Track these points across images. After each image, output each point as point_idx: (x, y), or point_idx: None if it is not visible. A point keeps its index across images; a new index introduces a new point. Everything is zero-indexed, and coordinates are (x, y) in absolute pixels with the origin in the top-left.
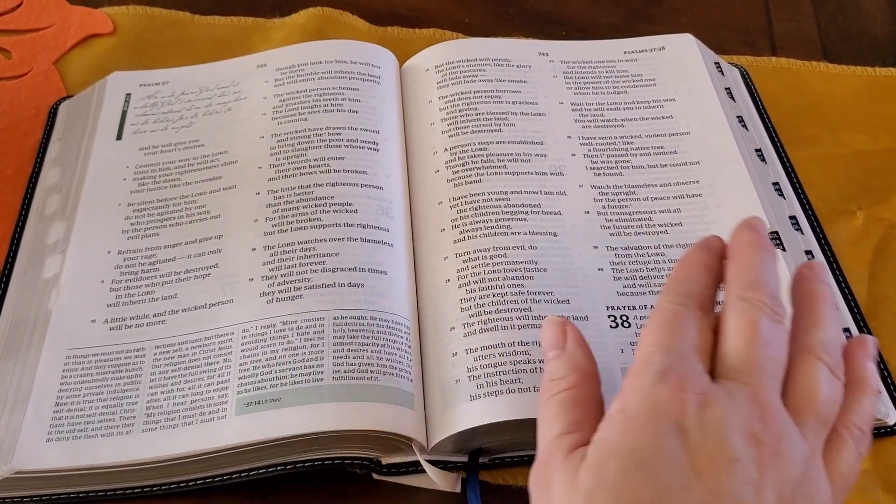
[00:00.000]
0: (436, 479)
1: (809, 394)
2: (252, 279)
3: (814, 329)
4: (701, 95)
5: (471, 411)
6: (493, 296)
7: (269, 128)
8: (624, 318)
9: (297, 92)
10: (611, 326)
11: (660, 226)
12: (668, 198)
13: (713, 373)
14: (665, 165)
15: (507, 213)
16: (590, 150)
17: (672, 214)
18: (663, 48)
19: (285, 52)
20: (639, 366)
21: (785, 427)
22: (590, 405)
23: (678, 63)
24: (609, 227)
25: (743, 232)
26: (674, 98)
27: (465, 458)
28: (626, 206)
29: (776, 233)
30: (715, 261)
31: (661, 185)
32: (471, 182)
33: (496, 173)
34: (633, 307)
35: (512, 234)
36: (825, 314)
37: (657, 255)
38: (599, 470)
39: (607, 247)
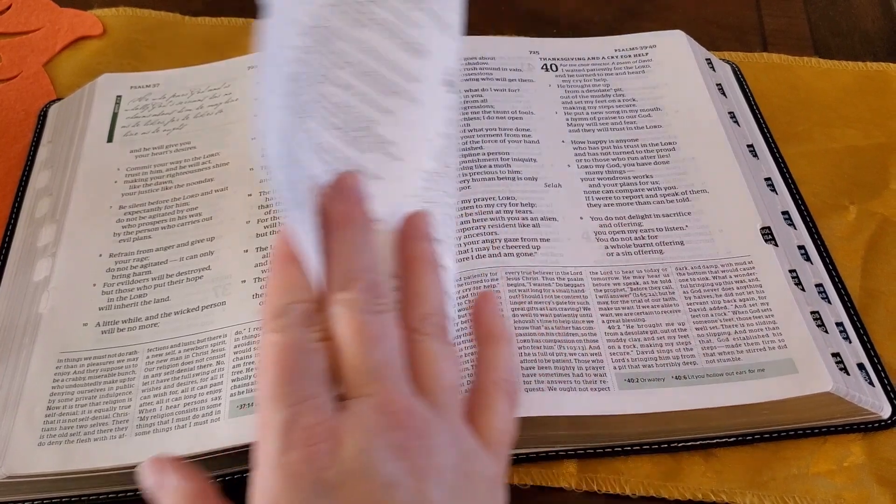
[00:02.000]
0: None
1: (431, 371)
2: (244, 281)
3: (415, 304)
4: (692, 92)
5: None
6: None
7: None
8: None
9: None
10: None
11: (652, 224)
12: (659, 194)
13: (342, 391)
14: (657, 163)
15: (497, 217)
16: (581, 149)
17: (665, 208)
18: (654, 46)
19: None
20: (261, 433)
21: (424, 420)
22: None
23: (669, 60)
24: (600, 219)
25: (333, 203)
26: (665, 95)
27: None
28: (618, 206)
29: (769, 228)
30: (298, 266)
31: (652, 182)
32: (461, 188)
33: (489, 176)
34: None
35: (504, 240)
36: (423, 282)
37: (649, 249)
38: None
39: (599, 243)
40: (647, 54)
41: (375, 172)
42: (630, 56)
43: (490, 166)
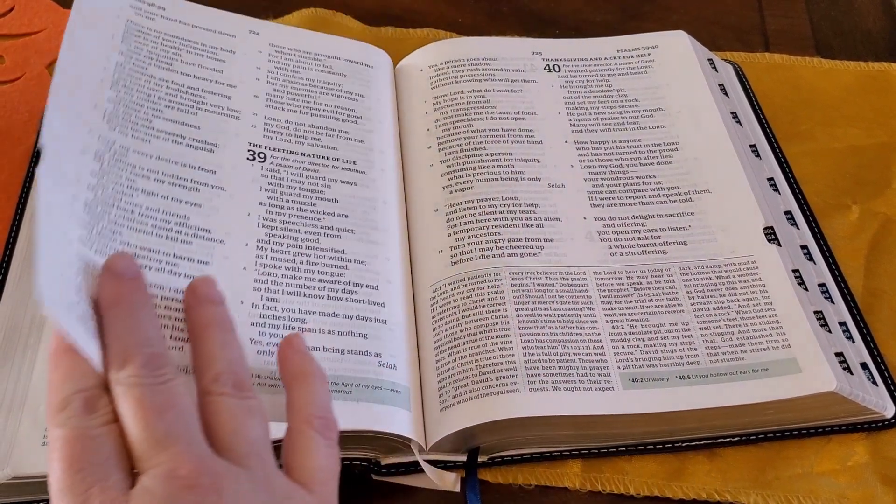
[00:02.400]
0: (435, 478)
1: (228, 427)
2: (247, 244)
3: (205, 367)
4: (695, 92)
5: (467, 410)
6: (488, 298)
7: (263, 104)
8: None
9: (292, 79)
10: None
11: (655, 224)
12: (662, 195)
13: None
14: (660, 163)
15: (501, 217)
16: (584, 150)
17: (668, 208)
18: (657, 46)
19: (280, 29)
20: None
21: (217, 475)
22: None
23: (672, 60)
24: (603, 219)
25: (103, 286)
26: (667, 95)
27: (463, 458)
28: (621, 206)
29: (771, 228)
30: (76, 356)
31: (655, 182)
32: (464, 189)
33: (493, 177)
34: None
35: (508, 240)
36: (210, 344)
37: (652, 249)
38: None
39: (601, 239)
40: (649, 55)
41: (201, 259)
42: (632, 56)
43: (493, 167)
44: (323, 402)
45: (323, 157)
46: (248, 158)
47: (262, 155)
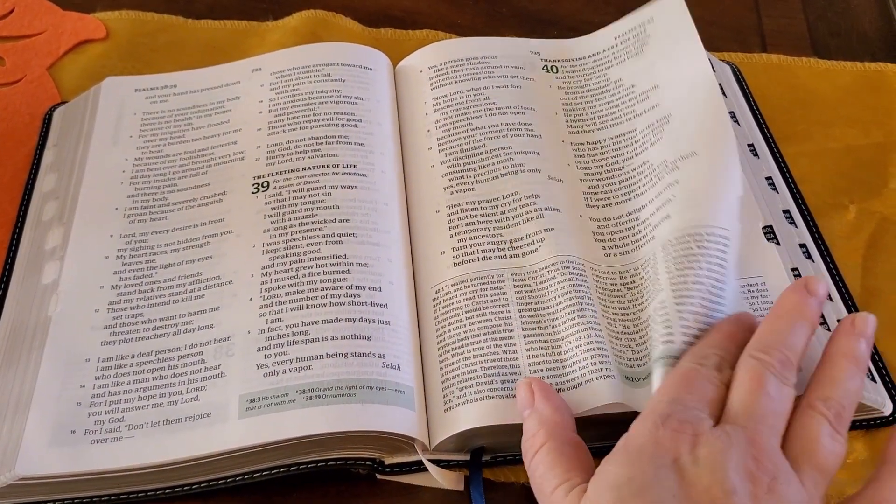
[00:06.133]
0: (439, 478)
1: (806, 443)
2: (253, 275)
3: (824, 385)
4: (690, 64)
5: (472, 412)
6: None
7: (266, 134)
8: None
9: (292, 98)
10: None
11: (648, 212)
12: (654, 176)
13: (718, 422)
14: (653, 143)
15: (503, 217)
16: (580, 151)
17: (658, 187)
18: (651, 19)
19: (279, 56)
20: (645, 413)
21: (780, 468)
22: (569, 451)
23: (667, 28)
24: (599, 220)
25: (791, 292)
26: (662, 68)
27: (467, 457)
28: (616, 204)
29: (770, 227)
30: (742, 332)
31: (648, 167)
32: (465, 189)
33: (493, 175)
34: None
35: (510, 241)
36: (842, 373)
37: (645, 241)
38: (598, 502)
39: (599, 241)
40: (645, 30)
41: (212, 307)
42: (629, 39)
43: (493, 163)
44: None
45: (323, 167)
46: (252, 192)
47: (265, 184)
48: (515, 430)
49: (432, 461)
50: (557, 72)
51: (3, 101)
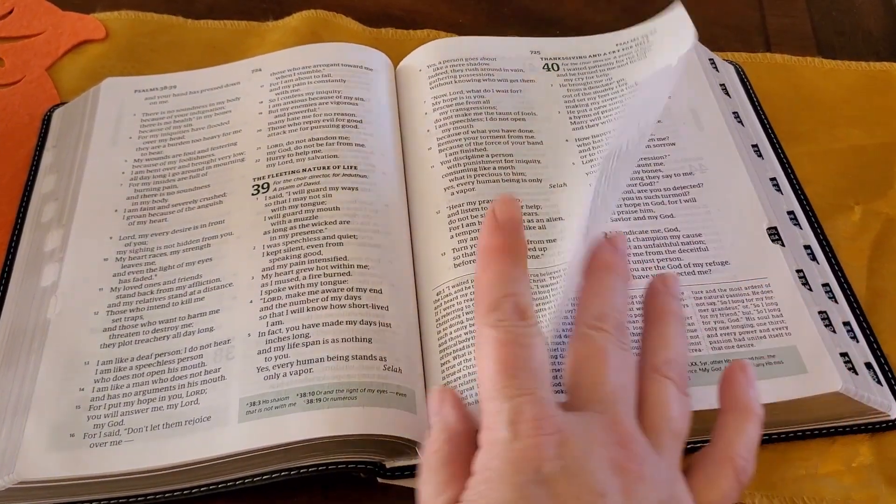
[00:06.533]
0: None
1: (661, 410)
2: (253, 277)
3: (660, 348)
4: (696, 92)
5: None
6: None
7: (266, 135)
8: None
9: (292, 98)
10: None
11: (658, 223)
12: (664, 194)
13: (567, 403)
14: (662, 163)
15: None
16: (585, 146)
17: (669, 208)
18: (654, 31)
19: (279, 56)
20: (489, 419)
21: (645, 450)
22: (458, 462)
23: (670, 40)
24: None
25: (603, 251)
26: (669, 96)
27: None
28: (624, 206)
29: (775, 228)
30: (508, 260)
31: (657, 183)
32: (466, 190)
33: (493, 178)
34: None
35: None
36: (671, 331)
37: (657, 254)
38: None
39: None
40: (648, 41)
41: (212, 309)
42: (631, 47)
43: (494, 168)
44: (751, 447)
45: (323, 168)
46: (252, 194)
47: (265, 186)
48: None
49: None
50: (559, 69)
51: (2, 101)
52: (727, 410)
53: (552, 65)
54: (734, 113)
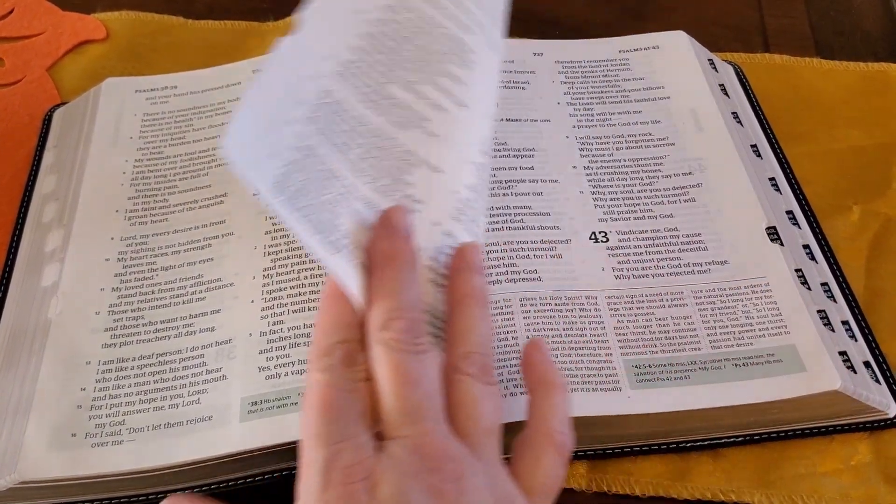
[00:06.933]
0: None
1: (468, 413)
2: (255, 277)
3: (459, 341)
4: (695, 92)
5: None
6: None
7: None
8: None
9: None
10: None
11: (658, 223)
12: (663, 194)
13: (381, 431)
14: (661, 163)
15: (509, 221)
16: (587, 151)
17: (668, 208)
18: (657, 46)
19: None
20: (304, 470)
21: (460, 462)
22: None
23: (672, 61)
24: (606, 220)
25: (378, 241)
26: (669, 96)
27: None
28: (624, 206)
29: (774, 228)
30: (345, 304)
31: (657, 183)
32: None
33: (496, 183)
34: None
35: (515, 243)
36: (469, 319)
37: (657, 254)
38: None
39: (606, 247)
40: (649, 55)
41: (214, 309)
42: (633, 57)
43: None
44: (565, 418)
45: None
46: (253, 194)
47: None
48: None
49: None
50: (562, 73)
51: (3, 101)
52: (534, 389)
53: (555, 68)
54: (733, 113)
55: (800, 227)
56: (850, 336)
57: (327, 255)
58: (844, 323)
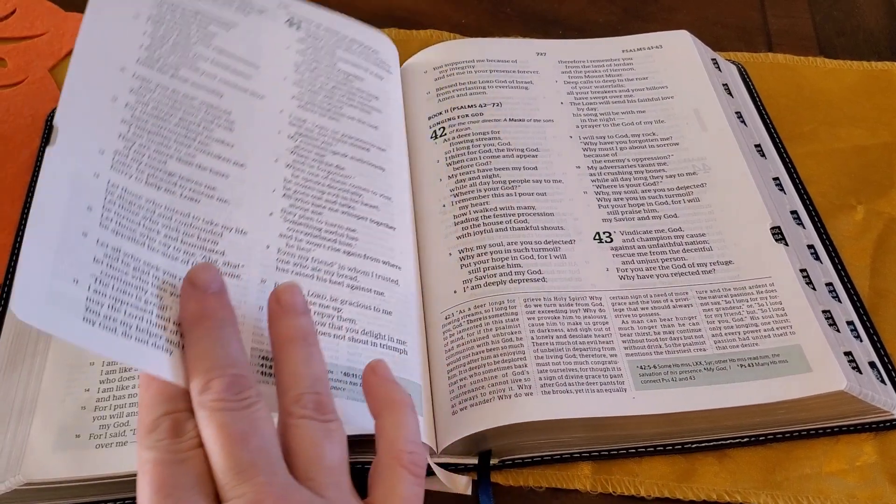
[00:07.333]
0: (447, 482)
1: (308, 455)
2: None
3: (287, 386)
4: (699, 93)
5: (479, 415)
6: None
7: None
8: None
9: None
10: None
11: (662, 223)
12: (667, 194)
13: (218, 492)
14: (665, 163)
15: (513, 221)
16: (590, 151)
17: (672, 208)
18: (660, 46)
19: None
20: None
21: (299, 500)
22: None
23: (675, 60)
24: (610, 221)
25: (185, 303)
26: (672, 96)
27: (474, 461)
28: (628, 207)
29: (778, 227)
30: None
31: (661, 183)
32: (476, 202)
33: (499, 184)
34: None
35: (519, 243)
36: (293, 361)
37: (661, 254)
38: None
39: (610, 247)
40: (653, 55)
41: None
42: (636, 57)
43: (502, 190)
44: (413, 434)
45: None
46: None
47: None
48: (524, 431)
49: (440, 465)
50: (565, 73)
51: (5, 102)
52: (379, 414)
53: (558, 68)
54: (737, 113)
55: (804, 227)
56: (855, 336)
57: (135, 357)
58: (849, 323)
